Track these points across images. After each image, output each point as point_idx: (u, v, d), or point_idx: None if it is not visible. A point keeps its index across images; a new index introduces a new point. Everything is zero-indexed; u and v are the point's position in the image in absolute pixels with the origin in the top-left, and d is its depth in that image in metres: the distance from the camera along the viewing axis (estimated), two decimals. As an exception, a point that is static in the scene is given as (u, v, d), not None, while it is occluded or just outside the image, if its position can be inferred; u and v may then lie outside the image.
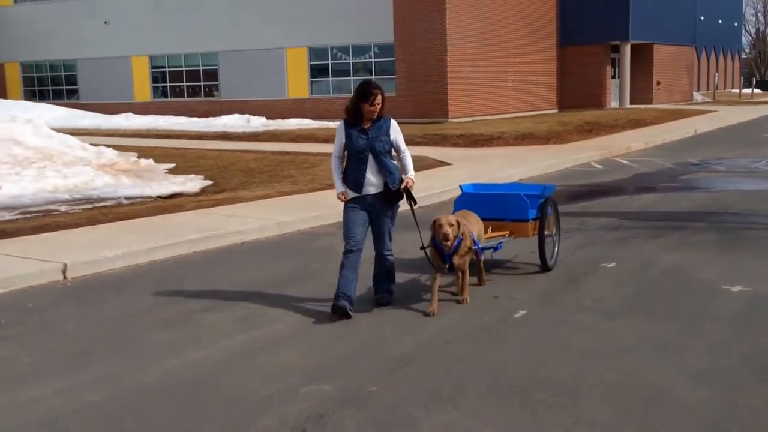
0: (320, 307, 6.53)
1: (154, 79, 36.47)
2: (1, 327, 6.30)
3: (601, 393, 4.66)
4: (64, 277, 7.79)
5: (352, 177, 6.31)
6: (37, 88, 39.77)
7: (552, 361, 5.21)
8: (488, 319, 6.19)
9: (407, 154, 6.49)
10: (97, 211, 11.37)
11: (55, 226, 10.10)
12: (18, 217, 11.08)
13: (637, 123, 27.02)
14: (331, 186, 13.22)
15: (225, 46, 33.98)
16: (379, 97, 6.17)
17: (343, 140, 6.37)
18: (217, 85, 34.97)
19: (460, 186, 8.10)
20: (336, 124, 24.53)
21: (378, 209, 6.37)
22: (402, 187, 6.31)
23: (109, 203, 12.31)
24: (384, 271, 6.59)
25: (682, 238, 9.16)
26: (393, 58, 30.50)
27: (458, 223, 6.37)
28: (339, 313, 6.13)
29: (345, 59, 31.96)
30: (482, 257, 7.08)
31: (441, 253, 6.38)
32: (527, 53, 34.44)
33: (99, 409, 4.59)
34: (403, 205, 6.50)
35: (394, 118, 6.54)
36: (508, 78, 33.25)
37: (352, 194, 6.37)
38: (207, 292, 7.26)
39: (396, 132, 6.40)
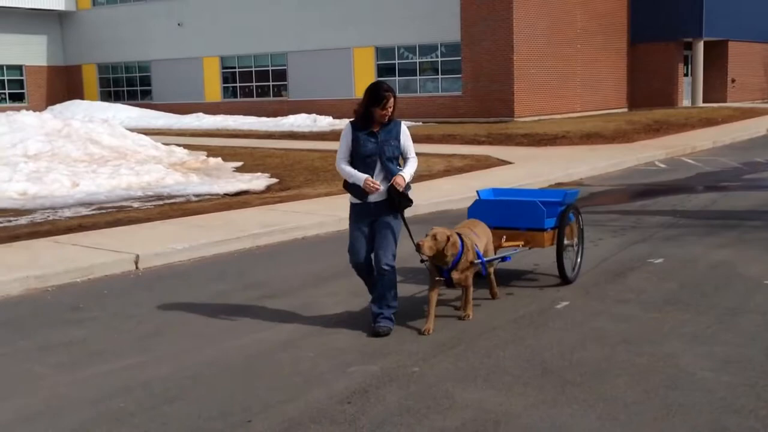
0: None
1: (225, 80, 37.50)
2: (80, 311, 6.85)
3: (627, 376, 4.90)
4: (137, 268, 8.35)
5: (356, 184, 5.88)
6: (112, 89, 41.29)
7: (586, 347, 5.47)
8: (532, 309, 6.46)
9: (414, 160, 6.04)
10: (167, 207, 11.99)
11: (128, 220, 10.73)
12: (94, 212, 11.77)
13: (708, 122, 26.59)
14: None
15: (294, 46, 34.72)
16: (392, 100, 5.76)
17: (350, 144, 5.92)
18: (285, 85, 35.74)
19: (477, 192, 7.62)
20: (407, 123, 24.66)
21: (381, 218, 5.94)
22: (390, 183, 5.84)
23: (178, 200, 12.92)
24: (382, 291, 5.94)
25: (734, 236, 9.22)
26: (459, 57, 30.68)
27: (448, 237, 5.89)
28: (384, 334, 5.86)
29: (411, 58, 32.29)
30: (491, 269, 6.67)
31: (439, 267, 5.99)
32: (596, 51, 34.17)
33: (165, 382, 5.05)
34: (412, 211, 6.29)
35: (459, 117, 6.59)
36: (576, 76, 33.07)
37: (354, 200, 6.00)
38: (267, 282, 7.71)
39: (406, 137, 5.99)
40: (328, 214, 10.68)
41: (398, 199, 5.86)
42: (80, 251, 8.64)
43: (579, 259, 7.43)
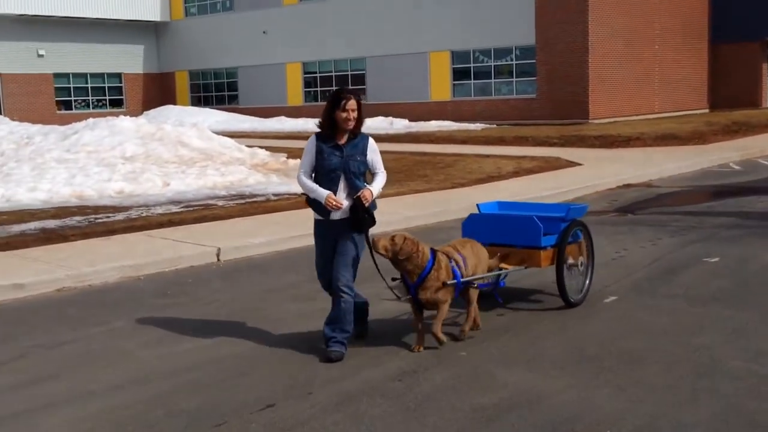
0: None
1: (306, 84, 38.58)
2: (167, 297, 7.58)
3: (661, 364, 5.26)
4: (218, 260, 9.08)
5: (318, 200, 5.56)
6: (202, 94, 42.97)
7: (627, 337, 5.84)
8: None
9: (383, 175, 5.74)
10: (248, 205, 12.75)
11: (212, 217, 11.52)
12: (183, 209, 12.62)
13: (791, 123, 25.98)
14: (463, 184, 14.18)
15: (372, 51, 35.47)
16: (353, 101, 5.46)
17: (314, 157, 5.58)
18: (364, 88, 36.52)
19: (477, 205, 7.21)
20: (475, 126, 25.21)
21: (343, 237, 5.60)
22: (355, 196, 5.50)
23: (259, 198, 13.68)
24: (336, 314, 5.56)
25: (796, 237, 9.33)
26: (534, 60, 30.83)
27: (405, 238, 5.55)
28: (333, 360, 5.50)
29: (487, 62, 32.58)
30: (474, 296, 5.97)
31: (406, 282, 5.70)
32: (675, 52, 33.72)
33: (238, 359, 5.67)
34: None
35: (533, 120, 6.74)
36: (654, 78, 32.72)
37: (318, 217, 5.73)
38: (336, 274, 8.29)
39: (373, 152, 5.66)
40: (397, 213, 11.21)
41: (363, 215, 5.48)
42: (169, 244, 9.44)
43: (588, 281, 6.81)
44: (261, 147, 20.37)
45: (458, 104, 33.39)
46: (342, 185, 5.53)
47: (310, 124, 32.73)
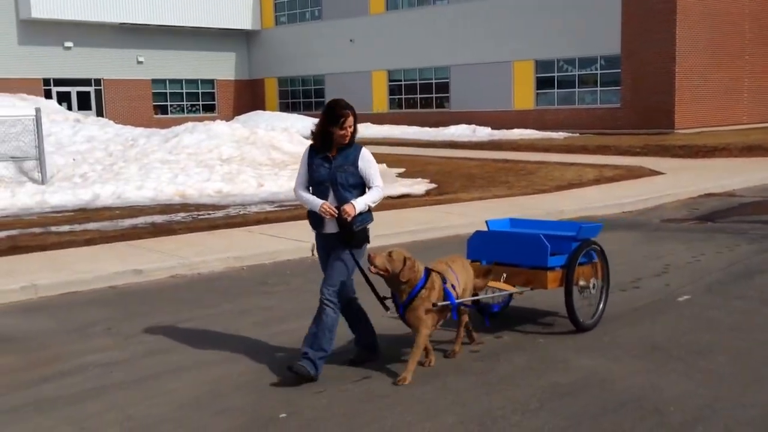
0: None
1: (391, 92, 39.42)
2: (268, 285, 8.32)
3: (729, 355, 5.65)
4: (312, 254, 9.78)
5: (313, 212, 5.42)
6: (290, 100, 44.36)
7: (696, 332, 6.24)
8: (654, 300, 7.24)
9: (377, 190, 5.41)
10: (338, 206, 13.48)
11: (304, 216, 12.24)
12: (276, 209, 13.45)
13: None
14: (544, 190, 14.58)
15: (456, 60, 36.04)
16: (350, 118, 5.21)
17: (307, 169, 5.42)
18: (447, 97, 37.08)
19: (486, 222, 6.87)
20: (558, 135, 25.54)
21: (335, 252, 5.42)
22: (338, 210, 5.23)
23: (348, 200, 14.41)
24: (316, 330, 5.35)
25: None
26: (619, 70, 30.82)
27: (406, 259, 5.31)
28: (361, 363, 5.57)
29: (571, 71, 32.72)
30: (465, 317, 5.83)
31: (395, 300, 5.49)
32: (766, 61, 33.12)
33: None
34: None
35: (617, 129, 6.50)
36: (743, 88, 32.22)
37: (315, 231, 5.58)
38: (422, 269, 8.88)
39: (366, 163, 5.35)
40: (480, 216, 11.72)
41: (347, 232, 5.28)
42: (267, 239, 10.22)
43: (602, 305, 6.47)
44: (348, 152, 21.16)
45: (541, 113, 33.60)
46: (331, 198, 5.28)
47: (395, 131, 33.57)
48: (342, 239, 5.31)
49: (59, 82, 39.08)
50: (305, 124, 35.94)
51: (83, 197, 14.36)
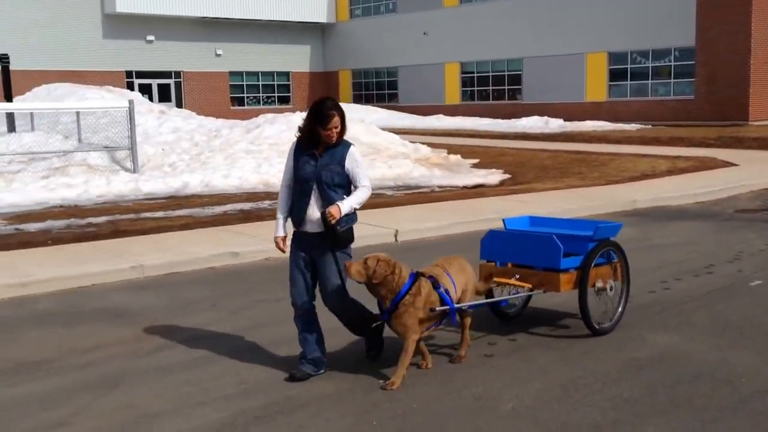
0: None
1: (463, 84, 39.74)
2: (355, 267, 8.86)
3: (798, 336, 5.97)
4: (396, 239, 10.33)
5: (295, 209, 5.25)
6: (363, 92, 45.07)
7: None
8: (727, 285, 7.53)
9: (364, 189, 5.27)
10: (415, 195, 13.99)
11: (385, 204, 12.82)
12: (356, 197, 14.02)
13: None
14: (617, 181, 14.80)
15: (529, 52, 36.14)
16: (337, 118, 5.05)
17: (293, 166, 5.27)
18: (519, 89, 37.19)
19: (503, 221, 6.61)
20: (631, 126, 25.39)
21: (320, 252, 5.24)
22: (321, 211, 5.10)
23: (424, 189, 14.89)
24: (347, 324, 5.45)
25: None
26: (693, 62, 30.49)
27: (378, 261, 5.13)
28: (297, 379, 5.24)
29: (644, 63, 32.49)
30: (468, 321, 5.64)
31: (381, 307, 5.30)
32: None
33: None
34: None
35: (690, 121, 6.34)
36: (824, 79, 31.49)
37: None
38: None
39: (353, 162, 5.21)
40: (553, 205, 12.08)
41: (331, 233, 5.12)
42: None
43: (620, 308, 6.22)
44: (422, 143, 21.62)
45: (614, 105, 33.46)
46: (315, 196, 5.15)
47: (467, 123, 33.89)
48: (326, 240, 5.15)
49: (141, 74, 40.54)
50: (378, 116, 36.59)
51: (173, 185, 15.17)
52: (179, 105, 39.50)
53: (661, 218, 11.47)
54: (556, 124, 30.48)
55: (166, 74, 41.38)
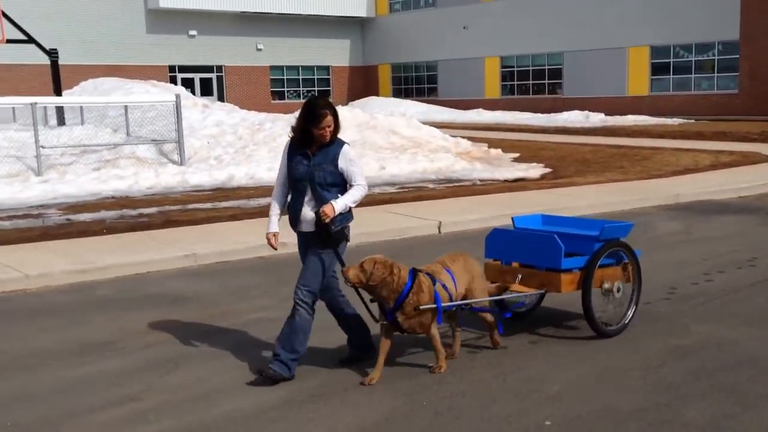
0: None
1: (503, 78, 39.72)
2: (396, 257, 9.05)
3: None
4: (439, 231, 10.52)
5: (291, 209, 5.25)
6: (402, 86, 45.28)
7: (812, 307, 6.62)
8: (771, 279, 7.62)
9: (359, 188, 5.22)
10: (457, 188, 14.15)
11: (427, 197, 13.02)
12: (399, 190, 14.23)
13: None
14: (659, 175, 14.81)
15: (570, 46, 36.01)
16: (329, 117, 5.00)
17: (286, 165, 5.24)
18: (560, 83, 37.07)
19: (512, 219, 6.50)
20: (673, 121, 25.19)
21: (311, 249, 5.21)
22: (315, 211, 5.07)
23: (465, 183, 15.04)
24: (288, 330, 5.22)
25: None
26: (737, 56, 30.15)
27: (375, 263, 5.07)
28: (270, 378, 5.13)
29: (687, 57, 32.20)
30: (488, 316, 5.64)
31: (382, 306, 5.22)
32: None
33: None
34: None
35: (734, 115, 6.32)
36: None
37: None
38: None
39: (347, 161, 5.14)
40: (597, 199, 12.17)
41: (324, 233, 5.10)
42: (395, 218, 11.00)
43: (630, 312, 6.03)
44: (462, 137, 21.76)
45: (656, 99, 33.21)
46: (309, 196, 5.14)
47: (507, 117, 33.89)
48: (320, 239, 5.13)
49: (183, 69, 41.15)
50: (418, 109, 36.78)
51: (219, 177, 15.52)
52: (221, 99, 40.04)
53: (704, 212, 11.50)
54: (596, 119, 30.37)
55: (208, 69, 41.94)
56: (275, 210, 5.34)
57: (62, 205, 12.65)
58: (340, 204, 5.07)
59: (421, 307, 5.08)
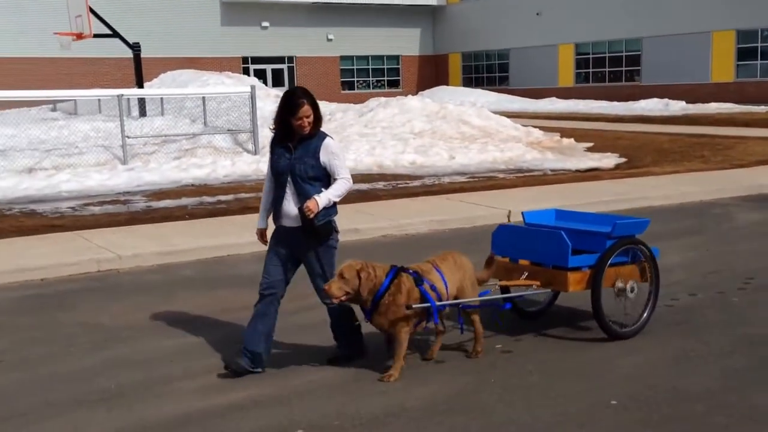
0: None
1: (578, 65, 39.13)
2: (474, 243, 9.13)
3: None
4: (509, 220, 10.58)
5: (274, 203, 5.17)
6: (473, 75, 45.11)
7: None
8: None
9: (342, 181, 5.08)
10: (527, 178, 14.16)
11: (498, 186, 13.08)
12: (468, 179, 14.32)
13: None
14: (742, 165, 14.47)
15: (649, 31, 35.22)
16: (307, 107, 4.90)
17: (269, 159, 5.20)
18: (638, 70, 36.34)
19: (522, 214, 6.33)
20: (760, 108, 24.62)
21: (301, 248, 5.15)
22: (299, 206, 4.97)
23: (536, 173, 15.02)
24: (333, 322, 5.32)
25: None
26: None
27: (358, 272, 4.91)
28: (232, 372, 5.11)
29: (775, 41, 31.23)
30: (476, 317, 5.41)
31: (362, 307, 5.09)
32: None
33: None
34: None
35: None
36: None
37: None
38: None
39: (329, 154, 5.03)
40: (674, 188, 12.02)
41: (309, 228, 5.01)
42: (465, 206, 11.12)
43: (646, 313, 5.73)
44: (534, 127, 21.65)
45: (741, 85, 32.27)
46: (291, 190, 5.05)
47: (580, 105, 33.47)
48: (305, 234, 5.05)
49: (255, 60, 41.94)
50: (488, 99, 36.63)
51: (293, 166, 15.86)
52: (293, 89, 40.60)
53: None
54: (677, 107, 29.72)
55: (279, 59, 42.63)
56: (264, 206, 5.28)
57: (146, 192, 13.21)
58: (323, 198, 4.98)
59: (414, 307, 4.93)
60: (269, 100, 23.46)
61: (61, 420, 4.55)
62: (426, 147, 16.95)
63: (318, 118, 5.00)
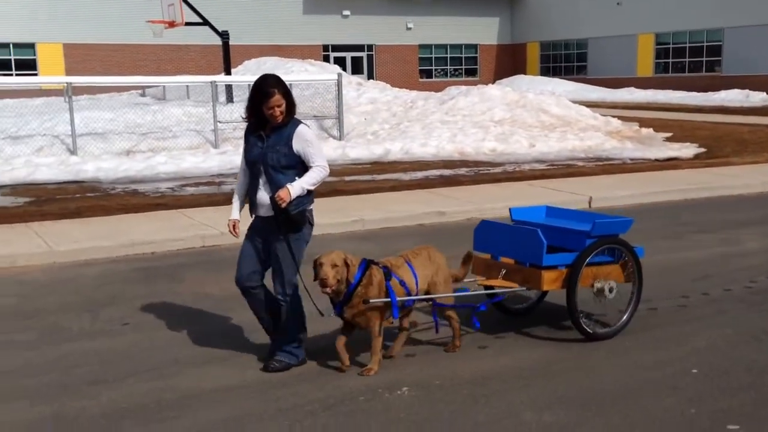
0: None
1: (657, 55, 38.62)
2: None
3: None
4: (589, 206, 10.89)
5: (249, 193, 5.12)
6: (551, 64, 44.92)
7: None
8: None
9: (318, 169, 4.95)
10: (607, 166, 14.38)
11: (577, 173, 13.35)
12: (548, 167, 14.61)
13: None
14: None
15: (731, 22, 34.55)
16: (278, 96, 4.81)
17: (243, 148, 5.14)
18: (719, 60, 35.70)
19: (510, 210, 6.16)
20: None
21: (271, 238, 5.07)
22: (270, 196, 4.89)
23: (615, 162, 15.20)
24: (283, 323, 5.16)
25: None
26: None
27: (347, 262, 4.81)
28: (274, 370, 5.09)
29: None
30: (453, 314, 5.32)
31: (332, 300, 4.98)
32: None
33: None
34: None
35: None
36: None
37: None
38: (696, 222, 9.65)
39: (302, 142, 4.91)
40: (754, 178, 12.12)
41: (282, 217, 4.91)
42: (546, 192, 11.46)
43: (625, 316, 5.59)
44: (613, 116, 21.70)
45: (823, 77, 31.49)
46: (263, 179, 4.96)
47: (659, 96, 33.13)
48: (278, 224, 4.96)
49: (336, 48, 42.63)
50: (566, 88, 36.53)
51: (376, 152, 16.40)
52: (370, 77, 41.25)
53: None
54: (758, 98, 29.20)
55: (359, 47, 43.24)
56: (237, 196, 5.24)
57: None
58: (296, 187, 4.86)
59: (371, 301, 4.85)
60: (351, 87, 24.06)
61: (190, 373, 5.12)
62: (506, 135, 17.27)
63: (291, 106, 4.89)
